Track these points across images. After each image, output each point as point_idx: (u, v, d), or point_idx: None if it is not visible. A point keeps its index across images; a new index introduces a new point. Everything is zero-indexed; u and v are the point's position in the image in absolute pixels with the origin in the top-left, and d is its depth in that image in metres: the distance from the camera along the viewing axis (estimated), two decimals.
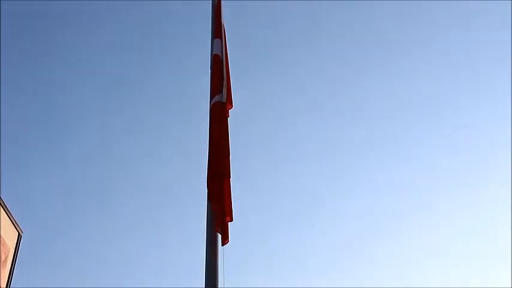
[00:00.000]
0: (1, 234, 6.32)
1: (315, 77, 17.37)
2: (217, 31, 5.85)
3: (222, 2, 6.17)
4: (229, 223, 4.72)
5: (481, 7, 15.83)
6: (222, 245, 4.58)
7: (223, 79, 5.50)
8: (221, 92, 5.38)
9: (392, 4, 16.50)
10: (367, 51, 17.04)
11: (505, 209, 14.30)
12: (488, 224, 15.79)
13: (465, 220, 16.65)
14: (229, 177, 4.90)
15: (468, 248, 15.59)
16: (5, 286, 6.30)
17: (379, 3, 16.38)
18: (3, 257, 6.34)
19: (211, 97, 5.39)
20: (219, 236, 4.65)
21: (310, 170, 17.14)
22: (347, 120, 17.39)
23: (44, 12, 17.04)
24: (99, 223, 16.02)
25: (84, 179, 16.57)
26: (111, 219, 16.15)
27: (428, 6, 16.18)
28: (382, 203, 16.68)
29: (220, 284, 4.37)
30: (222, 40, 5.79)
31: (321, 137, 17.37)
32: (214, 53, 5.70)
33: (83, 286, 14.39)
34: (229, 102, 5.53)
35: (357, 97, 17.34)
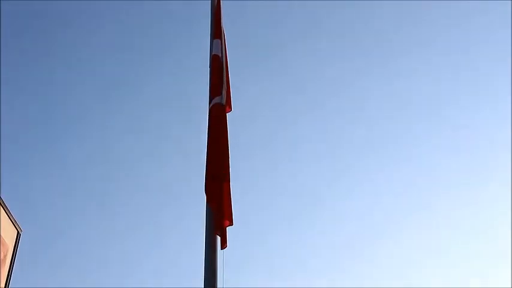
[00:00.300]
0: (0, 232, 6.33)
1: (315, 77, 17.37)
2: (217, 32, 5.81)
3: (222, 2, 6.14)
4: (229, 227, 4.70)
5: (481, 7, 15.83)
6: (221, 249, 4.56)
7: (222, 81, 5.49)
8: (221, 94, 5.35)
9: (392, 4, 16.51)
10: (367, 51, 17.05)
11: (505, 209, 14.30)
12: (488, 224, 15.79)
13: (465, 220, 16.65)
14: (229, 181, 4.87)
15: (468, 248, 15.59)
16: (4, 285, 6.30)
17: (379, 3, 16.39)
18: (2, 256, 6.33)
19: (211, 98, 5.35)
20: (218, 236, 4.65)
21: (310, 170, 17.14)
22: (347, 120, 17.39)
23: (44, 12, 17.05)
24: (99, 223, 16.03)
25: (84, 179, 16.58)
26: (111, 219, 16.16)
27: (428, 6, 16.18)
28: (382, 203, 16.68)
29: (220, 284, 4.37)
30: (221, 41, 5.77)
31: (321, 137, 17.37)
32: (213, 53, 5.66)
33: (83, 286, 14.39)
34: (228, 105, 5.50)
35: (357, 97, 17.35)
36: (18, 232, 6.81)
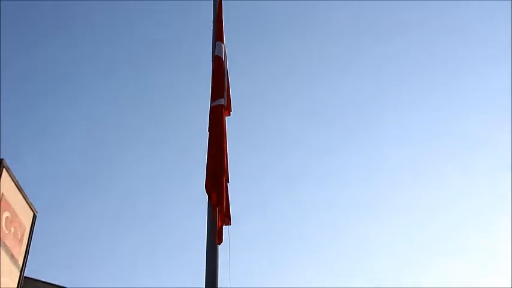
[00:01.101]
0: (18, 214, 6.46)
1: (316, 77, 17.49)
2: (219, 34, 5.91)
3: (223, 3, 6.22)
4: (226, 226, 4.79)
5: (481, 7, 16.02)
6: (218, 244, 4.64)
7: (224, 83, 5.56)
8: (223, 96, 5.44)
9: (392, 4, 16.69)
10: (367, 52, 17.19)
11: (504, 208, 14.41)
12: (488, 222, 15.90)
13: (465, 219, 16.75)
14: (227, 181, 4.96)
15: (468, 247, 15.68)
16: (22, 261, 6.40)
17: (379, 3, 16.56)
18: (19, 235, 6.44)
19: (213, 99, 5.43)
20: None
21: (310, 169, 17.19)
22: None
23: (44, 12, 17.10)
24: (100, 223, 16.01)
25: (85, 179, 16.58)
26: (112, 219, 16.13)
27: (429, 7, 16.36)
28: (382, 202, 16.77)
29: (223, 284, 4.41)
30: (223, 43, 5.84)
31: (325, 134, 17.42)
32: (216, 54, 5.75)
33: (82, 286, 14.34)
34: (228, 109, 5.58)
35: (357, 97, 17.46)
36: (34, 214, 6.89)
